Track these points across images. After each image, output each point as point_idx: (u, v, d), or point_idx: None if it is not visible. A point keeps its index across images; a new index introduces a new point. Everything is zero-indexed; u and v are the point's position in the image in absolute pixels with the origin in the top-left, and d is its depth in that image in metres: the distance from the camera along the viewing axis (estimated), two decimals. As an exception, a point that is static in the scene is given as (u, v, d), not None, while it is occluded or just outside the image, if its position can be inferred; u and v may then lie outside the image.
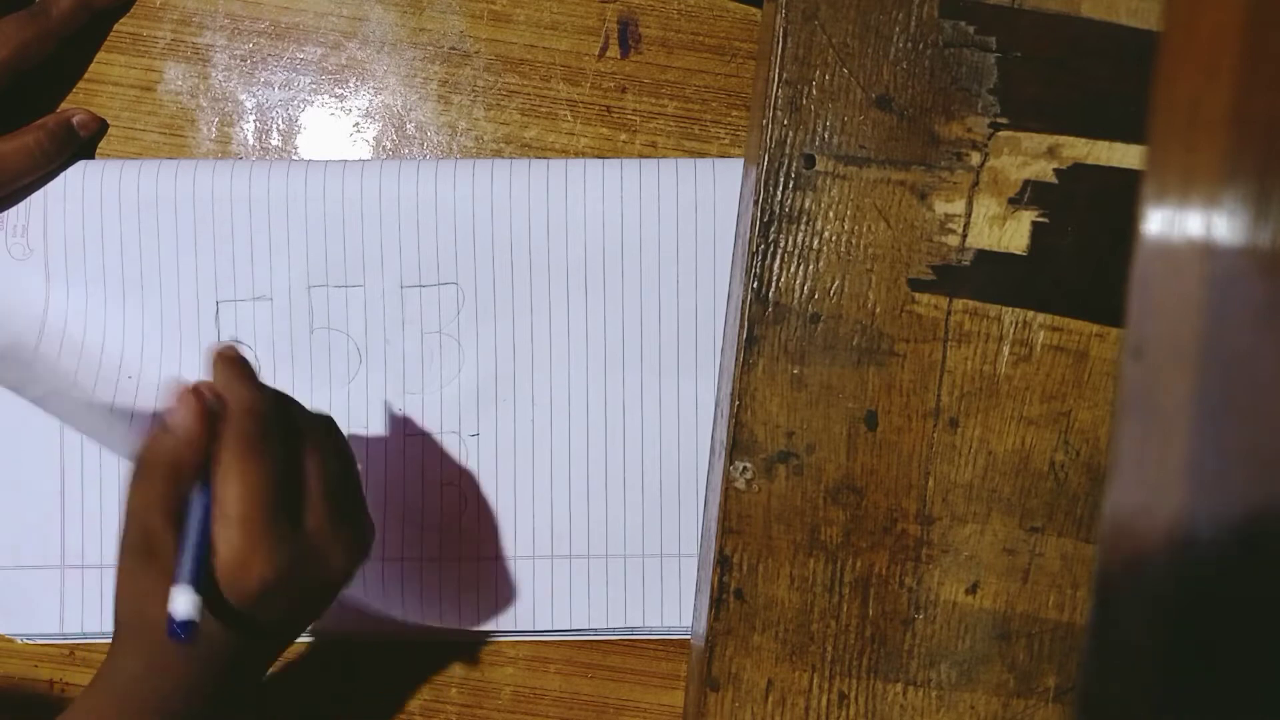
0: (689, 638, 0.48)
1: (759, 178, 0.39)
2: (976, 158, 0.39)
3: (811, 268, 0.39)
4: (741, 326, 0.40)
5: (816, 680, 0.40)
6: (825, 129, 0.39)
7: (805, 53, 0.39)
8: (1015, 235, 0.40)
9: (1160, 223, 0.26)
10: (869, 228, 0.39)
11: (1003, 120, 0.39)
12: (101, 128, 0.48)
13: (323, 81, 0.48)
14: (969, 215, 0.39)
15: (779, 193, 0.39)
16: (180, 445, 0.35)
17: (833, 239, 0.39)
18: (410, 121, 0.48)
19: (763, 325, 0.40)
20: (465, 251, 0.47)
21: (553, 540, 0.47)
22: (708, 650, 0.40)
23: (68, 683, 0.48)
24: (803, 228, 0.39)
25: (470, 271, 0.47)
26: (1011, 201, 0.39)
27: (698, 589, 0.46)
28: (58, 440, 0.47)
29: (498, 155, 0.48)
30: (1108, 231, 0.39)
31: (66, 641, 0.48)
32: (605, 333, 0.47)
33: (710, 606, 0.40)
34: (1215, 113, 0.25)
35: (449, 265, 0.47)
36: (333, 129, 0.48)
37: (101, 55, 0.48)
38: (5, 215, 0.46)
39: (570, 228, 0.46)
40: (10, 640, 0.48)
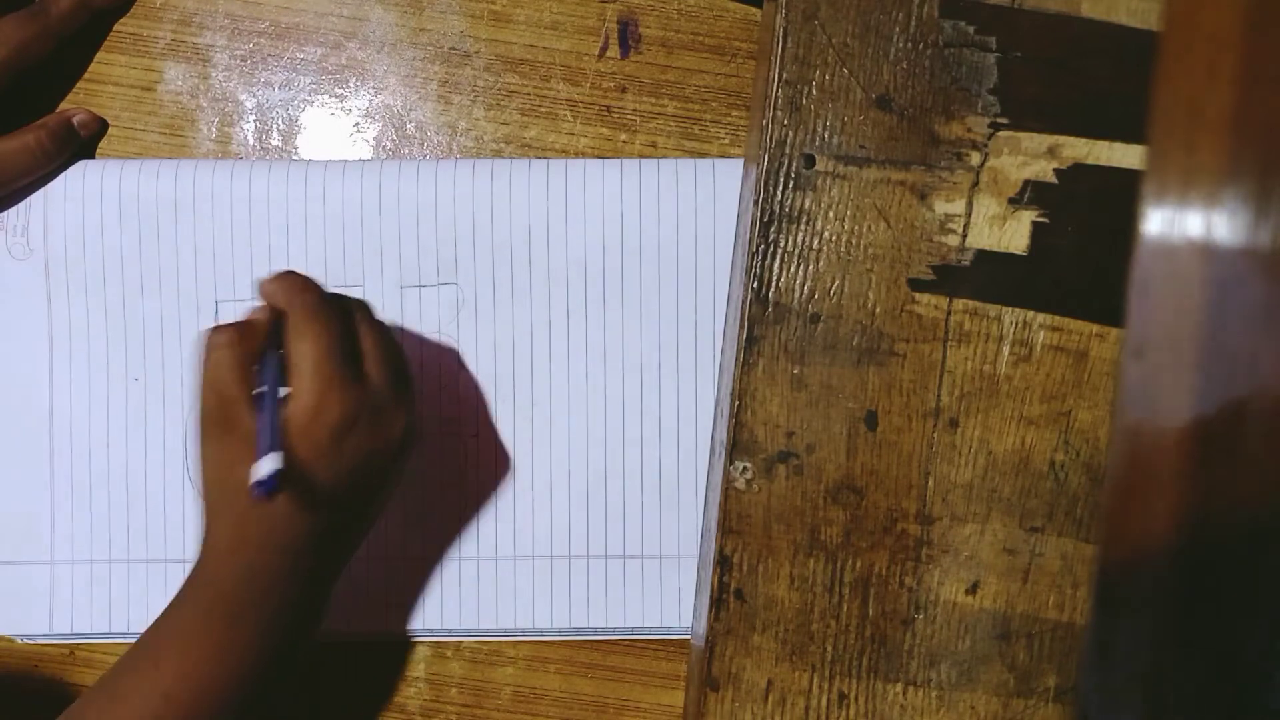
0: (689, 638, 0.48)
1: (759, 178, 0.39)
2: (976, 158, 0.39)
3: (811, 268, 0.39)
4: (741, 326, 0.40)
5: (816, 680, 0.40)
6: (825, 129, 0.39)
7: (805, 53, 0.39)
8: (1015, 235, 0.40)
9: (1160, 223, 0.26)
10: (869, 228, 0.39)
11: (1003, 120, 0.39)
12: (102, 128, 0.48)
13: (323, 81, 0.48)
14: (969, 215, 0.39)
15: (779, 193, 0.39)
16: (249, 319, 0.38)
17: (833, 239, 0.39)
18: (410, 121, 0.48)
19: (763, 325, 0.40)
20: (465, 251, 0.47)
21: (552, 540, 0.47)
22: (708, 650, 0.40)
23: (68, 682, 0.48)
24: (803, 228, 0.39)
25: (470, 271, 0.47)
26: (1011, 201, 0.39)
27: (698, 589, 0.46)
28: (47, 435, 0.47)
29: (498, 155, 0.48)
30: (1108, 231, 0.39)
31: (66, 641, 0.48)
32: (605, 333, 0.47)
33: (710, 606, 0.40)
34: (1215, 113, 0.25)
35: (449, 265, 0.47)
36: (333, 129, 0.48)
37: (102, 55, 0.48)
38: (5, 215, 0.46)
39: (570, 228, 0.46)
40: (10, 640, 0.48)
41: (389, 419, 0.39)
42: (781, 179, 0.39)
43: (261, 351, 0.38)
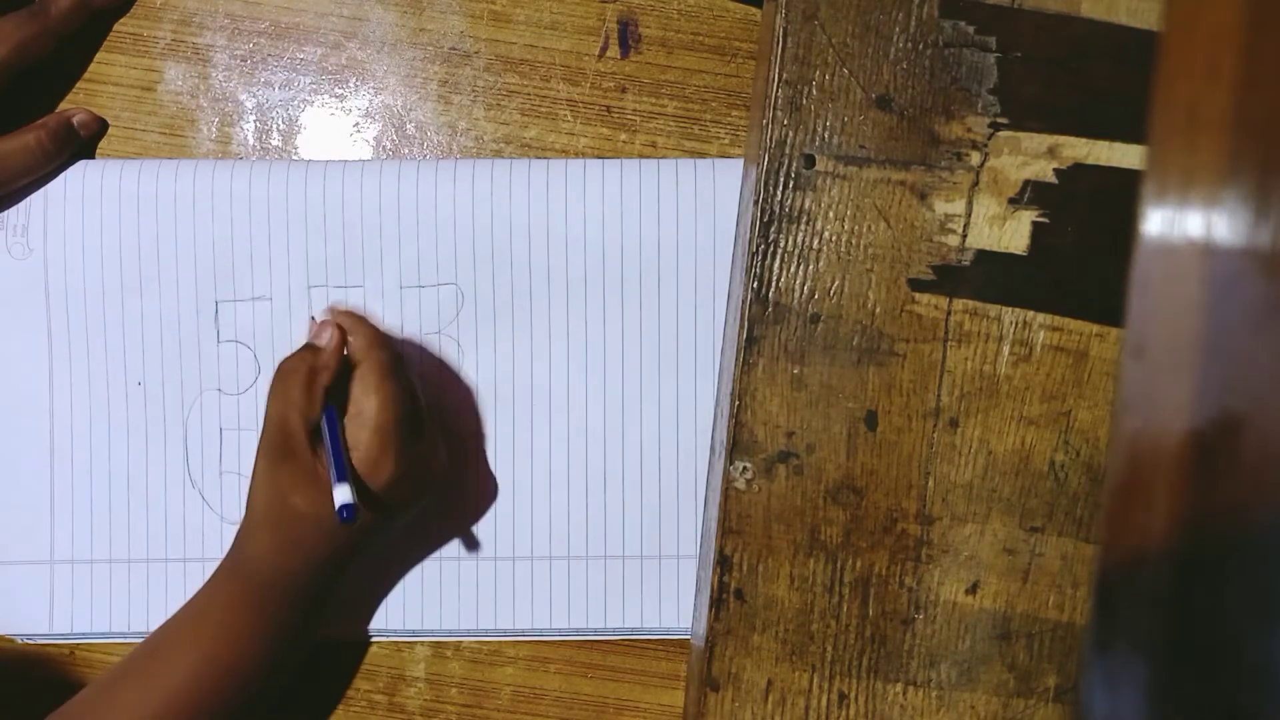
0: (689, 638, 0.48)
1: (759, 178, 0.39)
2: (976, 158, 0.39)
3: (811, 268, 0.39)
4: (741, 326, 0.40)
5: (816, 680, 0.40)
6: (825, 129, 0.39)
7: (805, 53, 0.39)
8: (1015, 235, 0.40)
9: (1160, 223, 0.26)
10: (869, 228, 0.39)
11: (1003, 120, 0.39)
12: (102, 127, 0.48)
13: (323, 81, 0.48)
14: (969, 215, 0.39)
15: (779, 193, 0.39)
16: (323, 358, 0.42)
17: (833, 239, 0.39)
18: (410, 121, 0.48)
19: (763, 325, 0.40)
20: (465, 252, 0.47)
21: (552, 541, 0.47)
22: (708, 650, 0.40)
23: (68, 682, 0.48)
24: (803, 228, 0.39)
25: (470, 272, 0.47)
26: (1011, 201, 0.39)
27: (698, 589, 0.46)
28: (47, 435, 0.47)
29: (498, 155, 0.48)
30: (1108, 231, 0.39)
31: (66, 641, 0.48)
32: (605, 333, 0.47)
33: (710, 606, 0.40)
34: (1215, 113, 0.25)
35: (449, 266, 0.47)
36: (333, 129, 0.48)
37: (102, 55, 0.48)
38: (5, 215, 0.46)
39: (570, 228, 0.46)
40: (10, 640, 0.48)
41: (431, 465, 0.44)
42: (781, 179, 0.39)
43: (328, 388, 0.42)
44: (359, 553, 0.44)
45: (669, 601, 0.48)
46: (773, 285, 0.40)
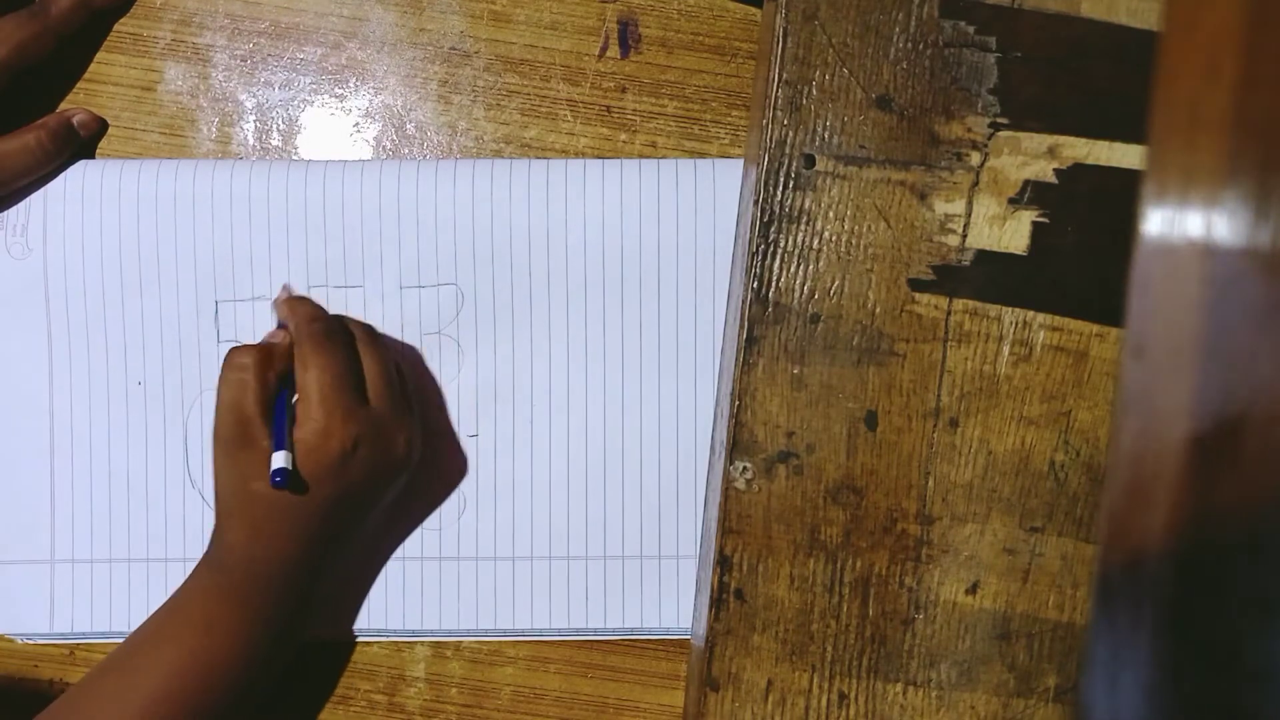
0: (689, 638, 0.48)
1: (759, 178, 0.39)
2: (976, 158, 0.39)
3: (811, 268, 0.39)
4: (741, 326, 0.40)
5: (816, 680, 0.40)
6: (825, 129, 0.39)
7: (805, 53, 0.39)
8: (1015, 235, 0.40)
9: (1160, 223, 0.26)
10: (869, 228, 0.39)
11: (1003, 120, 0.39)
12: (102, 128, 0.48)
13: (323, 81, 0.48)
14: (969, 215, 0.39)
15: (779, 193, 0.39)
16: (270, 343, 0.43)
17: (833, 239, 0.39)
18: (410, 121, 0.48)
19: (763, 325, 0.40)
20: (465, 252, 0.47)
21: (552, 541, 0.47)
22: (708, 650, 0.40)
23: (68, 683, 0.48)
24: (803, 228, 0.39)
25: (470, 272, 0.47)
26: (1011, 201, 0.39)
27: (698, 589, 0.46)
28: (47, 435, 0.47)
29: (498, 155, 0.48)
30: (1108, 231, 0.39)
31: (66, 641, 0.48)
32: (605, 333, 0.47)
33: (710, 606, 0.40)
34: (1215, 113, 0.25)
35: (449, 266, 0.47)
36: (333, 129, 0.48)
37: (101, 55, 0.48)
38: (5, 215, 0.46)
39: (570, 228, 0.46)
40: (10, 640, 0.48)
41: (390, 438, 0.43)
42: (781, 179, 0.39)
43: (281, 376, 0.42)
44: (337, 542, 0.44)
45: (669, 601, 0.48)
46: (773, 285, 0.40)
